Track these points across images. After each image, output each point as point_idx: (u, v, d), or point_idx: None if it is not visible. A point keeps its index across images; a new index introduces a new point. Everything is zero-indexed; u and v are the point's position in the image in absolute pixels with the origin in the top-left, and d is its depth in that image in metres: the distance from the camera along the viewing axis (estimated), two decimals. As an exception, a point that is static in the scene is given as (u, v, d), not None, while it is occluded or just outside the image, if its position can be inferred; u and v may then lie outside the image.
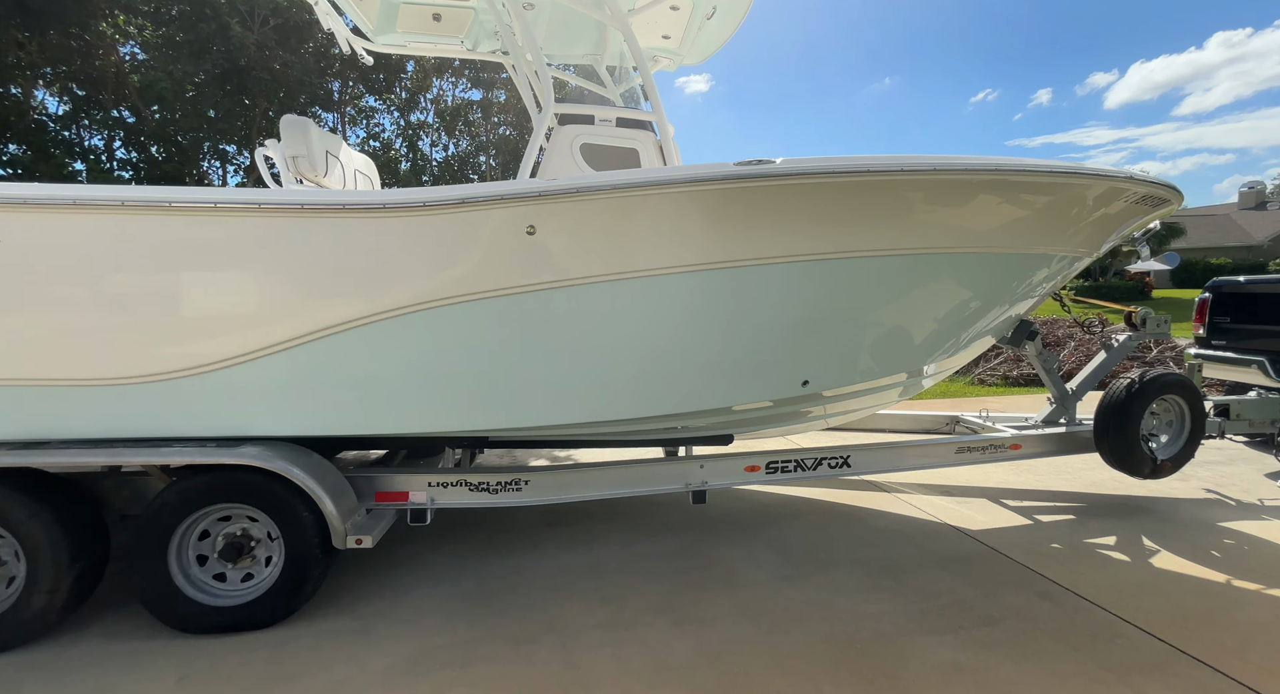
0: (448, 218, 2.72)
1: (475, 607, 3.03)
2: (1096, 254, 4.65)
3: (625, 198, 2.78)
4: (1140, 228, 4.77)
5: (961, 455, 4.32)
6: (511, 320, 2.92)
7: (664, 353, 3.15)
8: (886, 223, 3.21)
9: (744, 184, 2.83)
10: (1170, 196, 3.89)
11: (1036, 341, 4.73)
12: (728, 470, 3.81)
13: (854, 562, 3.59)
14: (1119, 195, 3.60)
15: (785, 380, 3.52)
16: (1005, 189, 3.26)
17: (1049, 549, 3.78)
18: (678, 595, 3.17)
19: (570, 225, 2.82)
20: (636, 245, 2.92)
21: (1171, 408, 4.58)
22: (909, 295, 3.66)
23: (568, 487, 3.47)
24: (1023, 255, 3.89)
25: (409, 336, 2.81)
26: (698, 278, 3.04)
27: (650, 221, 2.88)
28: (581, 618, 2.93)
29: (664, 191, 2.78)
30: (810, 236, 3.14)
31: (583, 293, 2.94)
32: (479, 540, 3.85)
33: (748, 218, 2.98)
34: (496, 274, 2.83)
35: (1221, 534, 4.04)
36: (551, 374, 3.05)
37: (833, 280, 3.32)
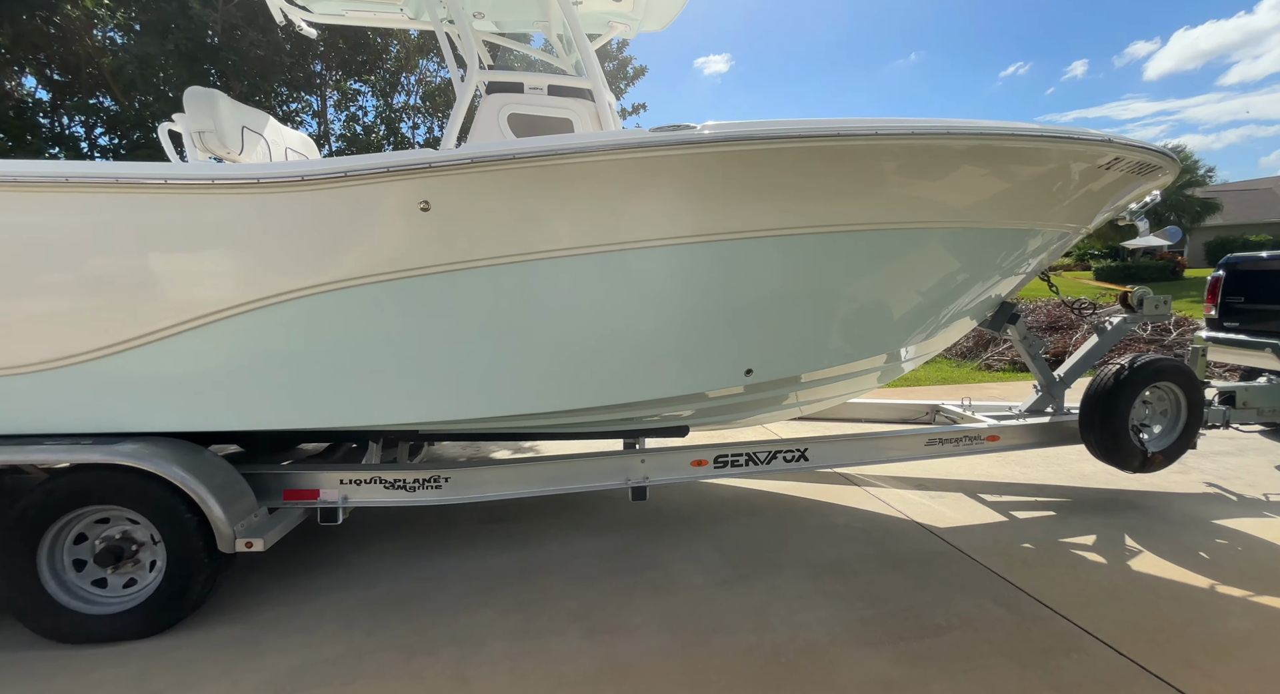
0: (331, 193, 2.49)
1: (381, 613, 2.84)
2: (1087, 229, 4.29)
3: (528, 169, 2.52)
4: (1137, 199, 4.40)
5: (932, 448, 4.04)
6: (412, 306, 2.69)
7: (589, 340, 2.91)
8: (839, 195, 2.92)
9: (663, 153, 2.55)
10: (1162, 163, 3.52)
11: (1019, 325, 4.40)
12: (672, 465, 3.57)
13: (801, 563, 3.34)
14: (1101, 162, 3.24)
15: (730, 369, 3.26)
16: (966, 156, 2.94)
17: (1018, 549, 3.49)
18: (602, 601, 2.95)
19: (469, 200, 2.57)
20: (546, 222, 2.67)
21: (1166, 396, 4.23)
22: (869, 277, 3.36)
23: (492, 484, 3.26)
24: (998, 231, 3.56)
25: (300, 324, 2.60)
26: (620, 258, 2.78)
27: (559, 195, 2.62)
28: (490, 626, 2.73)
29: (568, 161, 2.51)
30: (749, 211, 2.86)
31: (491, 276, 2.70)
32: (411, 539, 3.67)
33: (674, 190, 2.71)
34: (392, 255, 2.60)
35: (1215, 533, 3.71)
36: (461, 364, 2.82)
37: (781, 259, 3.04)
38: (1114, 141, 3.05)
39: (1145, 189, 4.17)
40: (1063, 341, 10.92)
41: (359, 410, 2.84)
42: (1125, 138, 3.11)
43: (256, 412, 2.72)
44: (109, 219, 2.47)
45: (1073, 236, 4.25)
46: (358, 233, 2.56)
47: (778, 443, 3.74)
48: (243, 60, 9.51)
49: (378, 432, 3.42)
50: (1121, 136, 3.08)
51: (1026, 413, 4.56)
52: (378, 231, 2.57)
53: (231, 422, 2.73)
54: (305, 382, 2.70)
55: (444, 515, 3.96)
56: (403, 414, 2.86)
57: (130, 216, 2.45)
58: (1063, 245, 4.31)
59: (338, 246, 2.57)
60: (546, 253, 2.69)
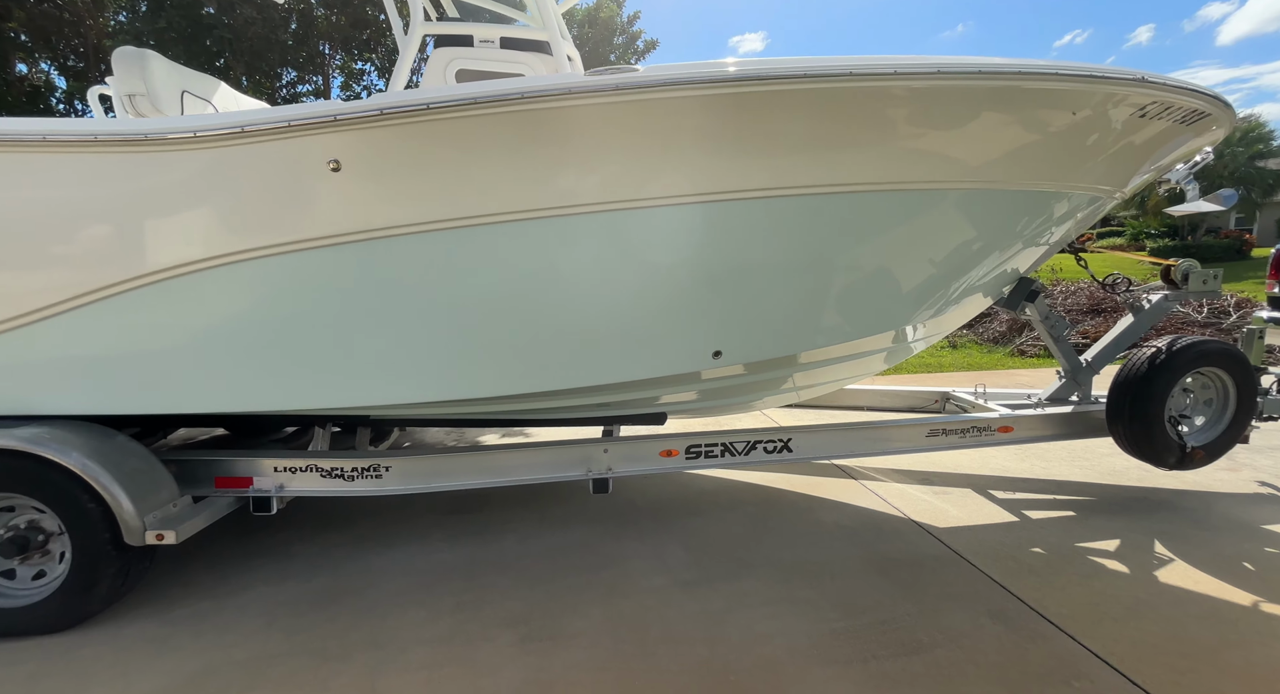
0: (229, 152, 2.25)
1: (308, 611, 2.65)
2: (1122, 193, 3.78)
3: (445, 121, 2.22)
4: (1184, 158, 3.87)
5: (935, 439, 3.64)
6: (330, 279, 2.45)
7: (529, 318, 2.62)
8: (819, 150, 2.54)
9: (598, 100, 2.22)
10: (1211, 109, 3.00)
11: (1039, 303, 3.94)
12: (639, 455, 3.28)
13: (776, 564, 3.02)
14: (1133, 109, 2.76)
15: (694, 350, 2.94)
16: (962, 100, 2.52)
17: (1026, 555, 3.10)
18: (547, 603, 2.70)
19: (384, 158, 2.30)
20: (472, 183, 2.38)
21: (1212, 384, 3.73)
22: (860, 246, 2.98)
23: (438, 474, 3.03)
24: (1010, 193, 3.12)
25: (205, 299, 2.39)
26: (558, 225, 2.48)
27: (485, 152, 2.32)
28: (419, 629, 2.51)
29: (490, 111, 2.21)
30: (711, 170, 2.52)
31: (416, 245, 2.43)
32: (365, 529, 3.48)
33: (621, 144, 2.38)
34: (302, 221, 2.35)
35: (1263, 540, 3.24)
36: (389, 344, 2.58)
37: (747, 225, 2.69)
38: (1149, 81, 2.58)
39: (1194, 146, 3.65)
40: (1105, 325, 10.18)
41: (283, 394, 2.62)
42: (1164, 77, 2.63)
43: (170, 394, 2.53)
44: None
45: (1105, 202, 3.75)
46: (262, 197, 2.32)
47: (757, 432, 3.41)
48: (238, 38, 9.43)
49: (323, 416, 3.22)
50: (1158, 76, 2.61)
51: (1047, 402, 4.11)
52: (285, 195, 2.33)
53: (144, 404, 2.55)
54: (217, 362, 2.49)
55: (405, 504, 3.76)
56: (329, 398, 2.64)
57: (10, 181, 2.25)
58: (1094, 212, 3.82)
59: (241, 212, 2.33)
60: (476, 218, 2.41)
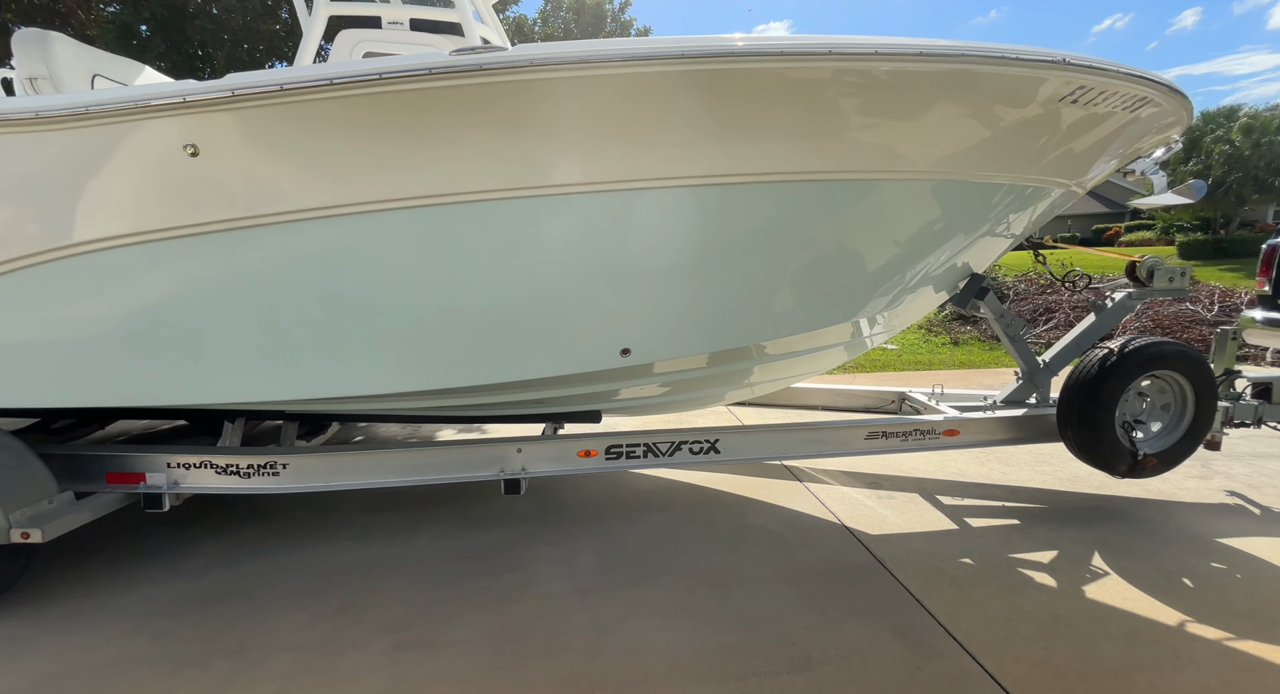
0: (79, 134, 2.15)
1: (184, 613, 2.57)
2: (1081, 185, 3.58)
3: (303, 103, 2.11)
4: (1151, 149, 3.65)
5: (874, 442, 3.48)
6: (195, 270, 2.35)
7: (413, 312, 2.51)
8: (732, 135, 2.39)
9: (460, 81, 2.09)
10: (1150, 94, 2.78)
11: (990, 301, 3.75)
12: (554, 455, 3.17)
13: (687, 571, 2.90)
14: (1063, 93, 2.57)
15: (599, 347, 2.81)
16: (851, 83, 2.34)
17: (953, 565, 2.94)
18: (435, 608, 2.60)
19: (244, 143, 2.19)
20: (341, 170, 2.26)
21: (1169, 388, 3.52)
22: (780, 242, 2.83)
23: (338, 472, 2.94)
24: (945, 183, 2.94)
25: (60, 291, 2.31)
26: (438, 215, 2.36)
27: (351, 136, 2.20)
28: (293, 635, 2.42)
29: (350, 93, 2.08)
30: (601, 158, 2.38)
31: (285, 235, 2.33)
32: (278, 525, 3.40)
33: (496, 128, 2.25)
34: (162, 210, 2.26)
35: (1213, 554, 3.05)
36: (262, 338, 2.48)
37: (650, 216, 2.56)
38: (1071, 63, 2.38)
39: (1154, 135, 3.44)
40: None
41: (141, 389, 2.54)
42: (1089, 59, 2.43)
43: (23, 389, 2.46)
44: None
45: (1064, 195, 3.55)
46: (119, 183, 2.22)
47: (682, 432, 3.28)
48: (221, 28, 9.39)
49: (231, 411, 3.15)
50: (1083, 58, 2.40)
51: (1002, 404, 3.92)
52: (140, 181, 2.23)
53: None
54: (71, 356, 2.41)
55: (329, 501, 3.68)
56: (199, 393, 2.55)
57: None
58: (1052, 205, 3.62)
59: (98, 199, 2.24)
60: (344, 207, 2.30)
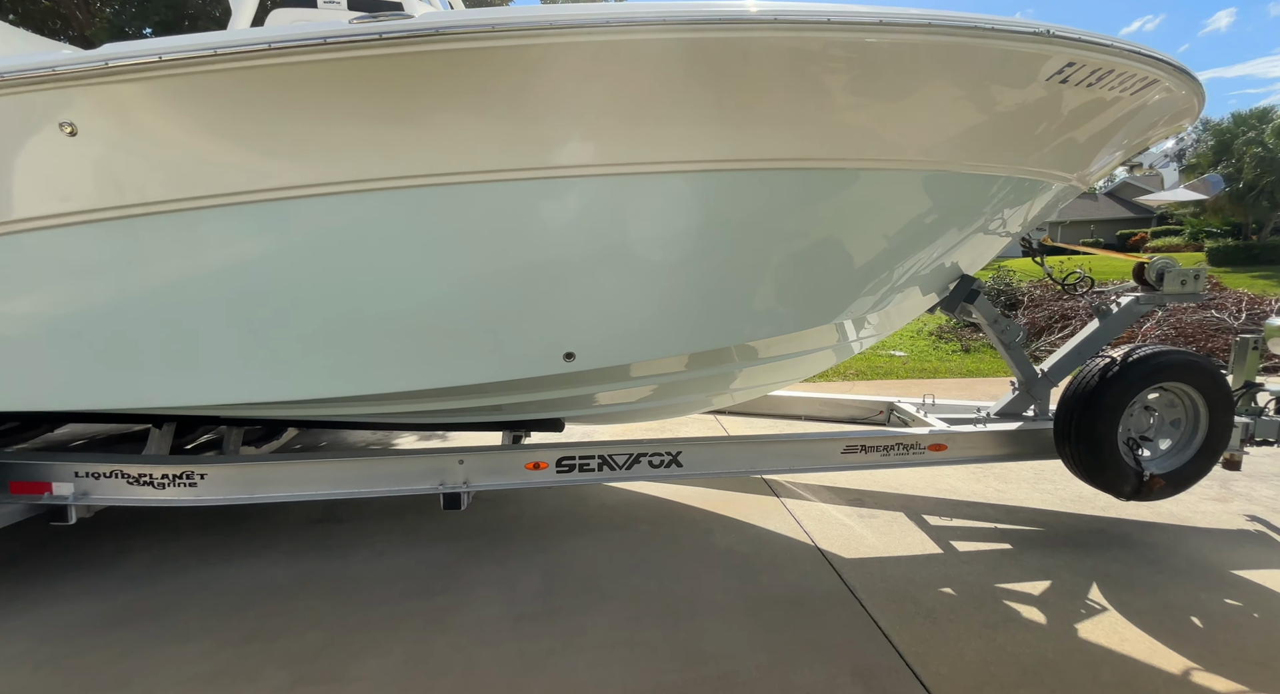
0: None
1: (84, 636, 2.37)
2: (1083, 179, 3.29)
3: (188, 77, 1.90)
4: (1160, 141, 3.36)
5: (852, 457, 3.19)
6: (87, 262, 2.17)
7: (324, 311, 2.30)
8: (678, 117, 2.15)
9: (366, 51, 1.88)
10: (1156, 74, 2.48)
11: (981, 304, 3.45)
12: (500, 468, 2.93)
13: (636, 597, 2.64)
14: (1052, 71, 2.29)
15: (540, 350, 2.58)
16: (832, 53, 2.09)
17: (931, 595, 2.65)
18: (354, 635, 2.38)
19: (125, 121, 1.99)
20: (237, 153, 2.06)
21: (1180, 402, 3.20)
22: (738, 239, 2.58)
23: (261, 484, 2.73)
24: (928, 173, 2.68)
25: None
26: (345, 204, 2.15)
27: (244, 115, 1.99)
28: (189, 664, 2.21)
29: (239, 65, 1.87)
30: (532, 142, 2.15)
31: (182, 225, 2.13)
32: (213, 537, 3.22)
33: (412, 108, 2.03)
34: (40, 195, 2.07)
35: (1227, 589, 2.73)
36: (166, 336, 2.28)
37: (588, 210, 2.33)
38: (1056, 35, 2.10)
39: (1170, 125, 3.14)
40: (1130, 331, 9.42)
41: (63, 390, 2.35)
42: (1078, 32, 2.15)
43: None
44: None
45: (1064, 189, 3.26)
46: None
47: (641, 444, 3.03)
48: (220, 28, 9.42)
49: (157, 416, 2.97)
50: (1069, 29, 2.12)
51: (996, 417, 3.63)
52: (16, 163, 2.04)
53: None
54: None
55: (274, 512, 3.49)
56: (100, 397, 2.36)
57: None
58: (1051, 202, 3.33)
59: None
60: (243, 194, 2.09)
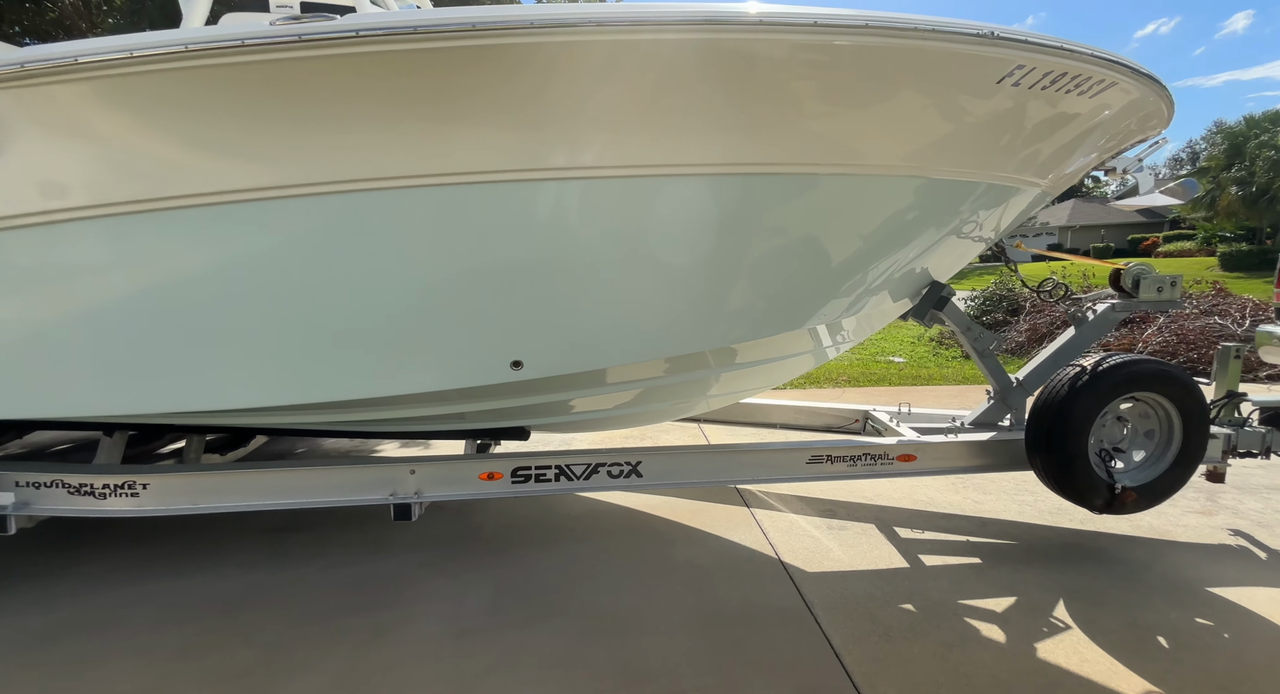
0: None
1: (11, 655, 2.32)
2: (1049, 185, 3.21)
3: (107, 80, 1.86)
4: (1132, 145, 3.28)
5: (817, 468, 3.11)
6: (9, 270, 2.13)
7: (253, 314, 2.26)
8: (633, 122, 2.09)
9: (288, 53, 1.83)
10: (1113, 77, 2.40)
11: (951, 311, 3.37)
12: (453, 478, 2.87)
13: (587, 612, 2.57)
14: (999, 74, 2.21)
15: (486, 359, 2.52)
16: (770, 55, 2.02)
17: (891, 612, 2.57)
18: (290, 651, 2.32)
19: (40, 123, 1.94)
20: (155, 155, 2.01)
21: (1153, 412, 3.11)
22: (693, 244, 2.51)
23: (207, 494, 2.68)
24: (897, 178, 2.60)
25: None
26: (279, 209, 2.10)
27: (167, 118, 1.94)
28: (114, 684, 2.15)
29: (159, 67, 1.82)
30: (467, 143, 2.09)
31: (102, 231, 2.09)
32: (171, 547, 3.17)
33: (344, 112, 1.99)
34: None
35: (1202, 607, 2.63)
36: (88, 346, 2.24)
37: (531, 212, 2.26)
38: (999, 38, 2.02)
39: (1140, 129, 3.06)
40: (1131, 337, 9.23)
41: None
42: (1023, 33, 2.07)
43: None
44: None
45: (1032, 196, 3.18)
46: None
47: (600, 453, 2.96)
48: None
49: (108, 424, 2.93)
50: (1013, 31, 2.04)
51: (970, 427, 3.54)
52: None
53: None
54: None
55: (236, 520, 3.43)
56: (30, 406, 2.32)
57: None
58: (1021, 208, 3.25)
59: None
60: (176, 201, 2.05)
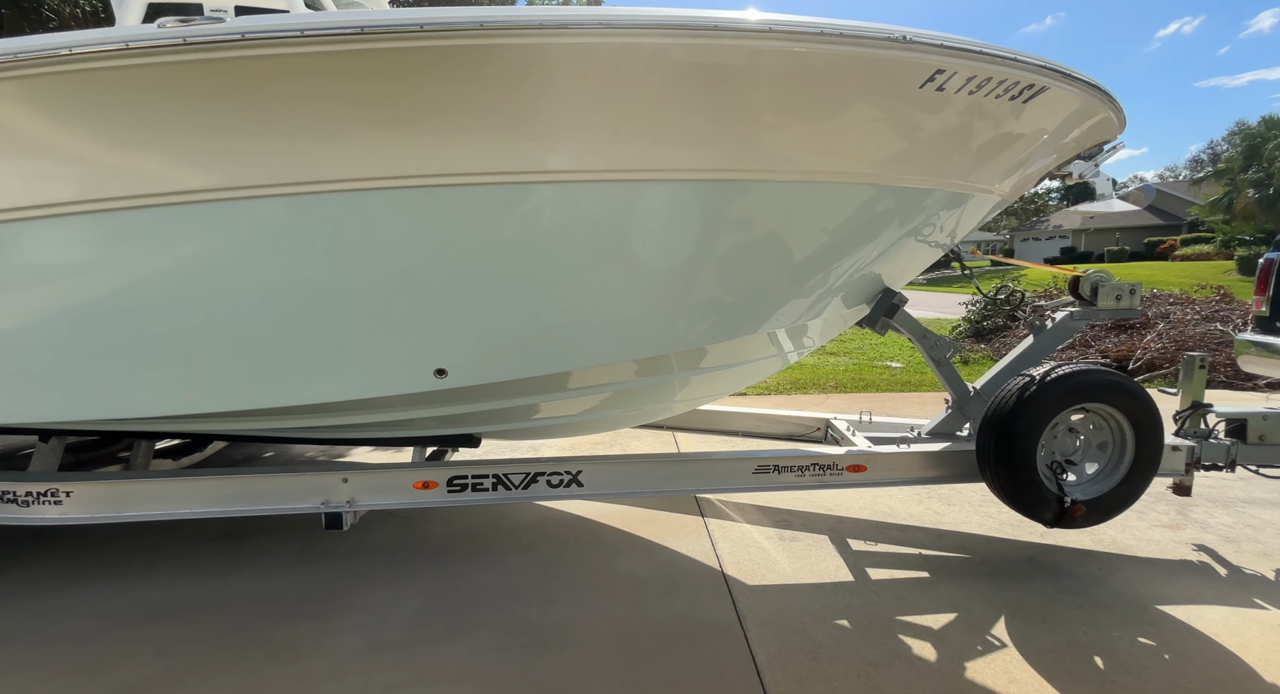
0: None
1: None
2: (1001, 191, 3.15)
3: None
4: (1088, 150, 3.23)
5: (763, 478, 3.05)
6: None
7: (158, 325, 2.23)
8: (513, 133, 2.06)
9: (175, 57, 1.80)
10: (1042, 82, 2.34)
11: (903, 319, 3.31)
12: (387, 487, 2.83)
13: (510, 624, 2.52)
14: (920, 79, 2.14)
15: (414, 370, 2.48)
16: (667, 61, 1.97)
17: (824, 628, 2.50)
18: (193, 667, 2.28)
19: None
20: (70, 161, 2.00)
21: (1106, 424, 3.02)
22: (620, 249, 2.47)
23: (132, 502, 2.66)
24: (838, 185, 2.55)
25: None
26: (184, 215, 2.08)
27: (57, 116, 1.92)
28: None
29: (26, 72, 1.80)
30: (368, 150, 2.06)
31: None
32: (103, 554, 3.14)
33: (240, 117, 1.96)
34: None
35: (1148, 626, 2.55)
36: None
37: (447, 217, 2.23)
38: (912, 42, 1.95)
39: (1092, 134, 3.01)
40: (1129, 345, 9.01)
41: None
42: (940, 37, 2.00)
43: None
44: None
45: (982, 201, 3.12)
46: None
47: (539, 462, 2.91)
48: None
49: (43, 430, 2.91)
50: (930, 35, 1.98)
51: (927, 436, 3.46)
52: None
53: None
54: None
55: (177, 527, 3.41)
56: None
57: None
58: (975, 214, 3.19)
59: None
60: (75, 206, 2.03)
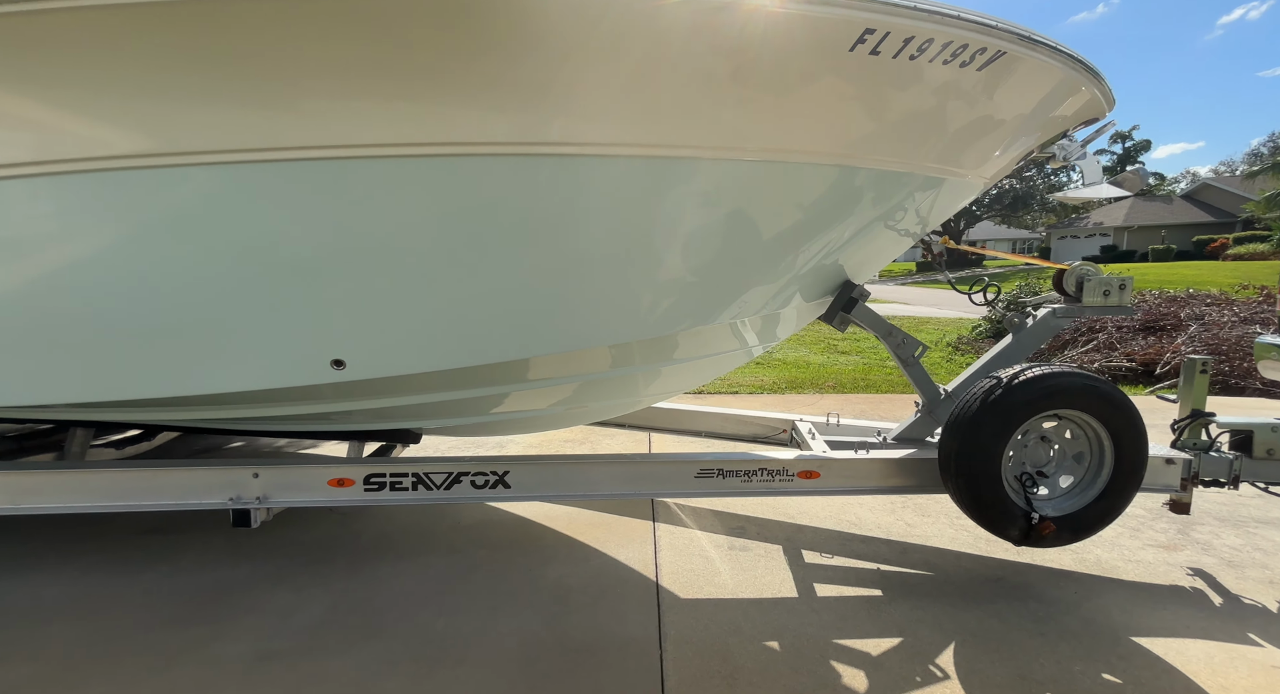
0: None
1: None
2: (978, 173, 2.91)
3: None
4: (1073, 129, 2.98)
5: (707, 482, 2.83)
6: None
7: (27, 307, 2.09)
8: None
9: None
10: (1002, 46, 2.08)
11: (863, 313, 3.06)
12: (300, 484, 2.69)
13: (409, 635, 2.35)
14: (868, 47, 1.92)
15: (309, 360, 2.32)
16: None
17: (752, 650, 2.28)
18: (63, 675, 2.16)
19: None
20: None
21: (1083, 433, 2.74)
22: (540, 230, 2.27)
23: (30, 494, 2.55)
24: (783, 164, 2.32)
25: None
26: (49, 186, 1.93)
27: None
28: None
29: None
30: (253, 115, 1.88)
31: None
32: (34, 546, 3.06)
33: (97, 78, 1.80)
34: None
35: (1115, 662, 2.27)
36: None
37: (342, 191, 2.04)
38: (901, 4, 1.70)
39: (1073, 110, 2.76)
40: (1157, 347, 8.38)
41: None
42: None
43: None
44: None
45: (959, 186, 2.88)
46: None
47: (463, 462, 2.75)
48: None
49: None
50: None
51: (893, 441, 3.21)
52: None
53: None
54: None
55: (110, 518, 3.30)
56: None
57: None
58: (946, 199, 2.95)
59: None
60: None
